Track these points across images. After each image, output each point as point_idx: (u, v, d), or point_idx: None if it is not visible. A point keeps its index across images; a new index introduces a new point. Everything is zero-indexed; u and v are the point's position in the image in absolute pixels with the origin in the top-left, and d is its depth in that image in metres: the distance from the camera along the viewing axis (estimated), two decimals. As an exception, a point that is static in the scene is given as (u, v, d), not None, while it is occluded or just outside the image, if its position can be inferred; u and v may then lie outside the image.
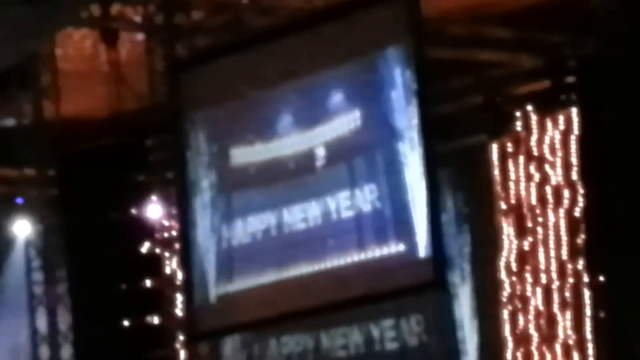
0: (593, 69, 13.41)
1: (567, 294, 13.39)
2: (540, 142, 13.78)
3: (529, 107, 13.81)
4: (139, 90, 13.16)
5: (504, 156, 14.06)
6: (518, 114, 13.92)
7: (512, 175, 13.96)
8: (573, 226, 13.33)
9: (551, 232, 13.67)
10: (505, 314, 13.78)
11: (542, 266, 13.68)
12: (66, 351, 13.69)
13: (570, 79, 13.41)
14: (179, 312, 13.66)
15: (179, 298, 13.62)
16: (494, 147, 14.13)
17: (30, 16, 11.83)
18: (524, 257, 13.75)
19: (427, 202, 11.44)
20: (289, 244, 12.30)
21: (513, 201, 13.94)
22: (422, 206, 11.41)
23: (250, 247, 12.62)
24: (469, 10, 13.02)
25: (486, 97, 14.15)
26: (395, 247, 11.62)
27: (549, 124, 13.72)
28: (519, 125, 13.93)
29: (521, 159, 13.95)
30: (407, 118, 11.55)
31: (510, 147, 14.08)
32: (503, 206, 13.95)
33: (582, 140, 13.45)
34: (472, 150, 14.52)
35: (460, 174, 14.47)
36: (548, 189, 13.70)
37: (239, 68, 12.75)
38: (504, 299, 13.77)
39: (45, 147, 13.49)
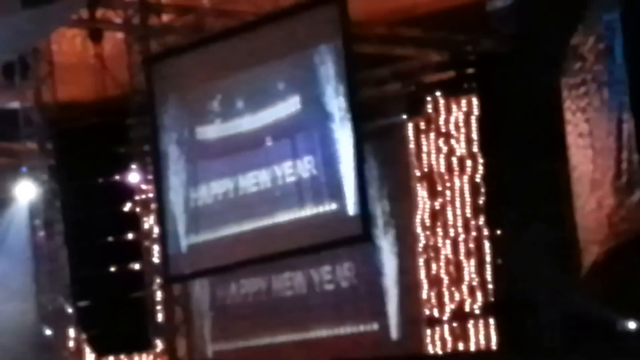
0: (489, 62, 14.00)
1: (471, 245, 14.01)
2: (447, 121, 14.18)
3: (438, 93, 14.42)
4: (120, 78, 13.67)
5: (418, 133, 14.43)
6: (429, 98, 14.47)
7: (425, 148, 14.37)
8: (475, 189, 13.87)
9: (457, 194, 14.12)
10: (421, 261, 14.27)
11: (450, 222, 14.31)
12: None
13: (471, 71, 14.11)
14: (155, 260, 14.10)
15: (156, 248, 14.08)
16: (410, 126, 14.49)
17: (31, 18, 11.84)
18: (435, 215, 14.31)
19: (355, 170, 12.11)
20: (244, 204, 12.98)
21: (426, 169, 14.26)
22: (351, 173, 12.14)
23: (212, 206, 13.23)
24: (389, 14, 13.61)
25: (403, 84, 14.65)
26: (329, 207, 12.35)
27: (454, 107, 14.13)
28: (429, 108, 14.41)
29: (432, 135, 14.33)
30: (337, 102, 12.17)
31: (423, 126, 14.45)
32: (417, 173, 14.29)
33: (481, 120, 13.82)
34: (392, 128, 14.62)
35: (382, 147, 14.47)
36: (454, 159, 14.12)
37: (202, 61, 13.26)
38: (420, 249, 14.21)
39: (44, 125, 13.82)
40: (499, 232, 13.95)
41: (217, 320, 15.29)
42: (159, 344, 14.34)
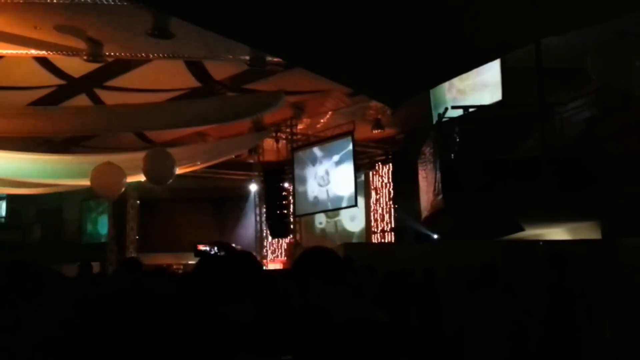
0: (396, 154, 21.66)
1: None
2: (381, 174, 22.94)
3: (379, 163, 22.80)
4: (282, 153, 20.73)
5: (373, 175, 22.84)
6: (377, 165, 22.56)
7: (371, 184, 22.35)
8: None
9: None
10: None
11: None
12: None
13: (389, 157, 21.58)
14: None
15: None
16: (370, 173, 22.76)
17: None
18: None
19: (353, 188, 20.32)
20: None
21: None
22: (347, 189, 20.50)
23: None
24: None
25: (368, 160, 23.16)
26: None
27: (384, 168, 22.70)
28: (376, 167, 22.36)
29: (377, 178, 22.57)
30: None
31: (373, 173, 22.60)
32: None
33: (393, 175, 22.60)
34: (366, 173, 22.75)
35: (362, 180, 22.86)
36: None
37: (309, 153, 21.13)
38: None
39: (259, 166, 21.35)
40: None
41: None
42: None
